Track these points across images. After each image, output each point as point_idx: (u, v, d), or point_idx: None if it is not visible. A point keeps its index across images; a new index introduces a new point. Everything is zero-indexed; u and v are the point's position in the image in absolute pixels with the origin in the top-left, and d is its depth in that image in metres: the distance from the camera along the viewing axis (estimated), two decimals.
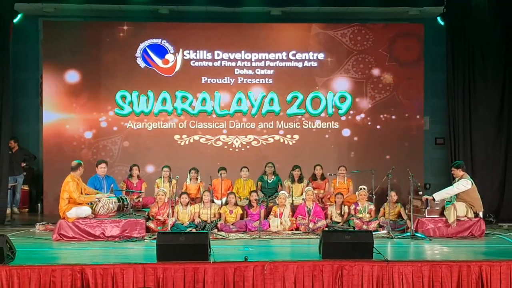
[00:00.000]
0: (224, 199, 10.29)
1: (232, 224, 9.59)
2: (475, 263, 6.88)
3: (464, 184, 9.12)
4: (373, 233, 7.42)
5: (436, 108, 12.65)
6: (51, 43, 11.91)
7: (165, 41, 12.13)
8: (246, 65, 12.24)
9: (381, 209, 9.90)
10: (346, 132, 12.35)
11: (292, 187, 10.62)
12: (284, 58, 12.28)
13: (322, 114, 12.28)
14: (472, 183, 9.17)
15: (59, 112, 11.92)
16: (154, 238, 7.60)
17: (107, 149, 12.02)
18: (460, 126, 11.03)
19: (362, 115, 12.35)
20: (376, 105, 12.36)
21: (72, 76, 11.91)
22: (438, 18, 11.56)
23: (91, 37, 11.98)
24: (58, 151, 11.89)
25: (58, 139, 11.92)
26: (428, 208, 9.19)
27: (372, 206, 9.87)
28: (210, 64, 12.20)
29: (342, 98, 12.31)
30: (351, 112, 12.32)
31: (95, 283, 6.62)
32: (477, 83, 11.06)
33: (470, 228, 9.11)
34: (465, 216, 9.10)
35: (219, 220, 9.64)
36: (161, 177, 10.66)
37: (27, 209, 12.00)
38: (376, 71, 12.33)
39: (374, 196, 9.79)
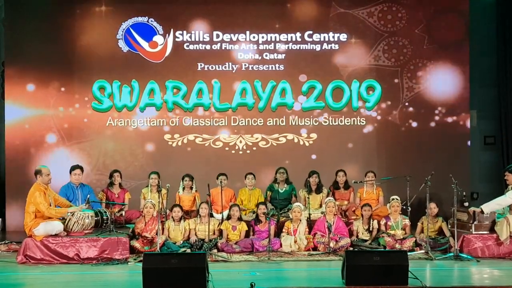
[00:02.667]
0: (225, 213, 10.29)
1: (236, 243, 9.59)
2: None
3: None
4: (409, 253, 7.41)
5: (485, 100, 12.57)
6: (14, 24, 11.96)
7: (152, 19, 12.16)
8: (251, 48, 12.25)
9: (418, 224, 9.89)
10: (375, 131, 12.34)
11: (308, 197, 10.65)
12: (298, 39, 12.28)
13: (346, 108, 12.27)
14: None
15: (25, 107, 11.97)
16: (140, 261, 7.61)
17: (83, 153, 12.05)
18: None
19: (395, 110, 12.33)
20: (412, 97, 12.32)
21: (40, 64, 11.94)
22: None
23: (62, 15, 11.99)
24: (25, 154, 11.92)
25: (24, 140, 11.96)
26: (475, 222, 9.19)
27: (407, 221, 9.86)
28: (208, 47, 12.22)
29: (370, 89, 12.29)
30: (381, 105, 12.31)
31: None
32: None
33: None
34: None
35: (220, 239, 9.65)
36: (148, 186, 10.68)
37: None
38: (412, 56, 12.31)
39: (410, 209, 9.76)
